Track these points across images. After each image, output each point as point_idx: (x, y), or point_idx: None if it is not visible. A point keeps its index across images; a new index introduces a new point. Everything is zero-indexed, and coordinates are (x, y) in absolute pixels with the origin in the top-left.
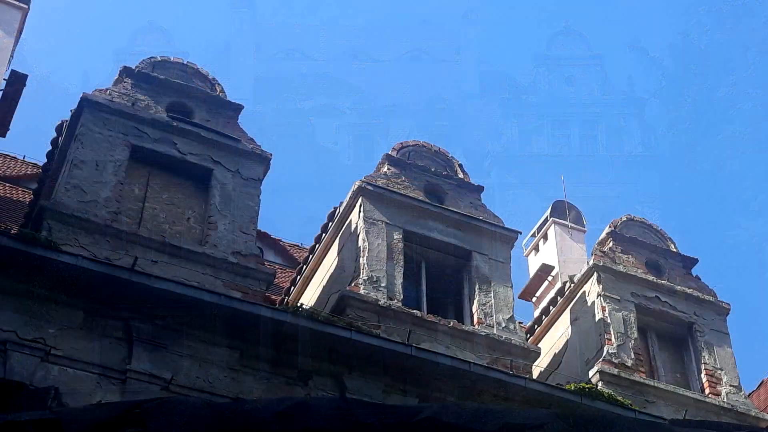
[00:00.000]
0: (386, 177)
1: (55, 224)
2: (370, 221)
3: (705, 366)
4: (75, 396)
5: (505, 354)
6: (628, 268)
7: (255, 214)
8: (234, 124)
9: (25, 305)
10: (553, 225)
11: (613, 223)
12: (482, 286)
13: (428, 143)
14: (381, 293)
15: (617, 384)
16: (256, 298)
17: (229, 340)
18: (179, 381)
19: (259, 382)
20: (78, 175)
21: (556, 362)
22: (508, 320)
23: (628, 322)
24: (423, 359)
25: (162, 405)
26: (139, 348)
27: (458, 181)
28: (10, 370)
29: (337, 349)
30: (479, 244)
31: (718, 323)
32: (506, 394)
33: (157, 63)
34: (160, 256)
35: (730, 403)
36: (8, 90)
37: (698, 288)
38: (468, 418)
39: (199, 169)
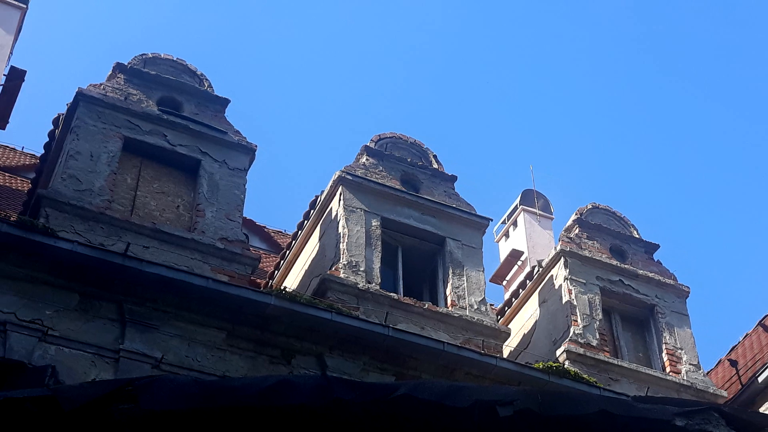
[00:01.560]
0: (365, 167)
1: (52, 212)
2: (349, 209)
3: (666, 346)
4: (71, 374)
5: (477, 334)
6: (593, 253)
7: (241, 202)
8: (221, 117)
9: (23, 288)
10: (522, 212)
11: (579, 210)
12: (455, 270)
13: (404, 135)
14: (360, 277)
15: (583, 363)
16: (242, 281)
17: (216, 322)
18: (169, 360)
19: (245, 361)
20: (73, 165)
21: (525, 342)
22: (480, 302)
23: (593, 305)
24: (399, 339)
25: (153, 382)
26: (131, 329)
27: (433, 171)
28: (9, 350)
29: (318, 329)
30: (453, 230)
31: (679, 305)
32: (478, 373)
33: (148, 59)
34: (151, 242)
35: (689, 381)
36: (8, 85)
37: (660, 272)
38: (442, 395)
39: (188, 160)
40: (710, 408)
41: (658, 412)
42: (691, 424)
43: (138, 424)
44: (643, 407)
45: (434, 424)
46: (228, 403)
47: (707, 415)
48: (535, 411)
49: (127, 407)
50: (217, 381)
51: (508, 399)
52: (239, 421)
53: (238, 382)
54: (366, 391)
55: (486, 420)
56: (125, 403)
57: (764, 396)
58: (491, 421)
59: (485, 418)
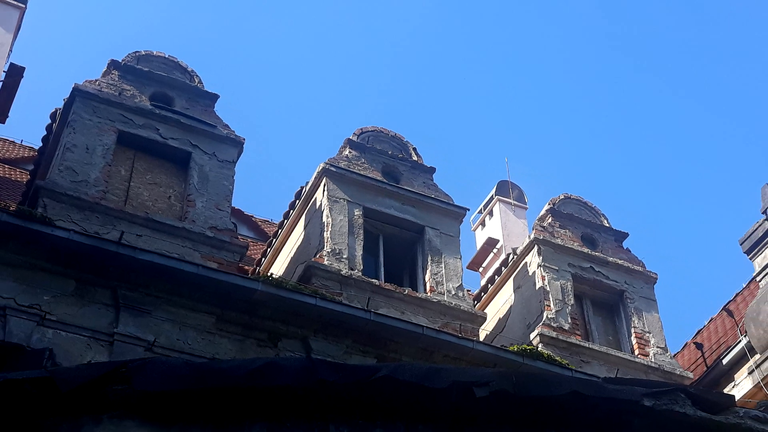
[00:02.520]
0: (348, 159)
1: (49, 202)
2: (333, 199)
3: (635, 330)
4: (68, 356)
5: (454, 319)
6: (566, 241)
7: (229, 192)
8: (211, 111)
9: (22, 275)
10: (497, 203)
11: (552, 200)
12: (434, 257)
13: (386, 129)
14: (343, 264)
15: (555, 346)
16: (231, 268)
17: (206, 307)
18: (161, 343)
19: (233, 344)
20: (70, 157)
21: (501, 326)
22: (457, 288)
23: (565, 290)
24: (381, 324)
25: (146, 364)
26: (125, 313)
27: (413, 163)
28: (9, 334)
29: (303, 314)
30: (431, 219)
31: (647, 291)
32: (456, 355)
33: (141, 56)
34: (144, 230)
35: (657, 363)
36: (7, 81)
37: (629, 259)
38: (421, 377)
39: (179, 152)
40: (677, 389)
41: (627, 393)
42: (658, 404)
43: (131, 404)
44: (612, 388)
45: (414, 405)
46: (217, 384)
47: (674, 395)
48: (510, 392)
49: (121, 388)
50: (207, 363)
51: (484, 380)
52: (228, 401)
53: (227, 364)
54: (349, 373)
55: (463, 400)
56: (119, 384)
57: (728, 377)
58: (468, 401)
59: (462, 399)
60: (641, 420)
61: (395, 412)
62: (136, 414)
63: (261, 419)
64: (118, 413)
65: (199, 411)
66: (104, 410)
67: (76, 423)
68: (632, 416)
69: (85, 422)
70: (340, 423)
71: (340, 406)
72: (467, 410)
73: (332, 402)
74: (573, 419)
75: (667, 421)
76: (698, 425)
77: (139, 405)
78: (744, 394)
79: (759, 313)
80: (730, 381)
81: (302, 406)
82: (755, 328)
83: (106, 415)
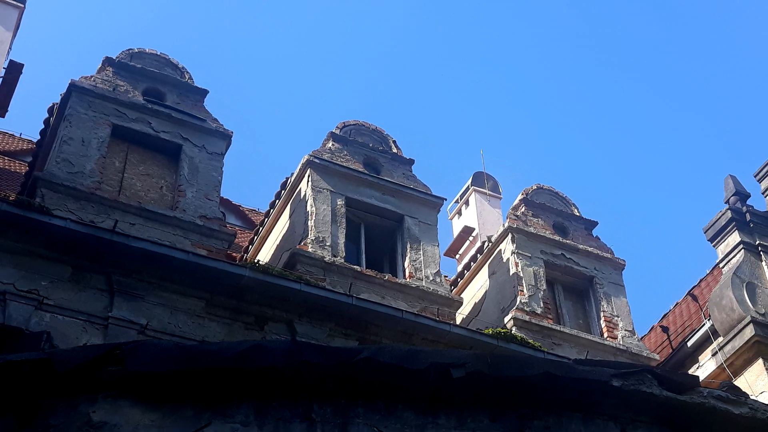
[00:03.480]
0: (331, 152)
1: (47, 192)
2: (317, 189)
3: (604, 313)
4: (64, 339)
5: (432, 303)
6: (538, 229)
7: (218, 183)
8: (200, 106)
9: (21, 261)
10: (473, 193)
11: (525, 191)
12: (413, 245)
13: (367, 122)
14: (326, 251)
15: (528, 329)
16: (219, 255)
17: (196, 292)
18: (153, 326)
19: (222, 328)
20: (67, 149)
21: (476, 310)
22: (435, 274)
23: (537, 276)
24: (362, 308)
25: (138, 347)
26: (119, 298)
27: (392, 155)
28: (8, 317)
29: (288, 299)
30: (410, 209)
31: (615, 277)
32: (433, 338)
33: (134, 54)
34: (137, 219)
35: (625, 345)
36: (7, 77)
37: (598, 247)
38: (400, 358)
39: (170, 145)
40: (644, 370)
41: (596, 374)
42: (626, 385)
43: (125, 384)
44: (583, 369)
45: (394, 385)
46: (207, 365)
47: (641, 376)
48: (485, 372)
49: (115, 369)
50: (197, 345)
51: (461, 362)
52: (217, 381)
53: (216, 346)
54: (332, 355)
55: (440, 381)
56: (113, 366)
57: (693, 359)
58: (445, 381)
59: (440, 379)
60: (610, 399)
61: (376, 392)
62: (130, 393)
63: (248, 399)
64: (112, 393)
65: (189, 391)
66: (99, 390)
67: (73, 402)
68: (601, 396)
69: (81, 401)
70: (323, 402)
71: (324, 387)
72: (444, 390)
73: (316, 382)
74: (545, 399)
75: (634, 400)
76: (664, 405)
77: (133, 385)
78: (708, 374)
79: (722, 298)
80: (694, 362)
81: (287, 387)
82: (718, 312)
83: (101, 394)
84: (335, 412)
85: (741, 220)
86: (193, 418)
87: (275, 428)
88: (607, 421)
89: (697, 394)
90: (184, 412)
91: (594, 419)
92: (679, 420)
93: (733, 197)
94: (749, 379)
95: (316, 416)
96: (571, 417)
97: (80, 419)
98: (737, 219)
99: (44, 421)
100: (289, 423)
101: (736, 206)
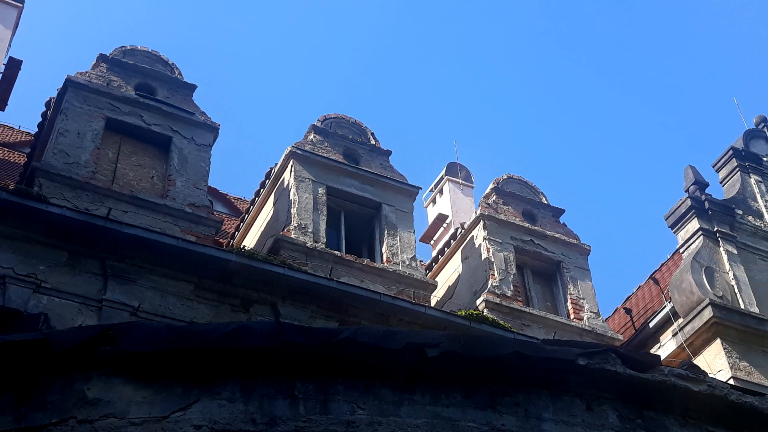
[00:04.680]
0: (312, 143)
1: (44, 181)
2: (299, 179)
3: (570, 296)
4: (61, 320)
5: (408, 287)
6: (508, 217)
7: (206, 173)
8: (189, 100)
9: (20, 247)
10: (447, 182)
11: (496, 180)
12: (390, 231)
13: (347, 115)
14: (308, 237)
15: (499, 311)
16: (207, 241)
17: (185, 275)
18: (145, 308)
19: (210, 309)
20: (63, 141)
21: (450, 293)
22: (411, 259)
23: (508, 261)
24: (342, 291)
25: (131, 327)
26: (112, 281)
27: (371, 146)
28: (8, 300)
29: (272, 282)
30: (387, 197)
31: (581, 261)
32: (410, 319)
33: (127, 51)
34: (129, 207)
35: (590, 326)
36: (6, 73)
37: (565, 233)
38: (378, 339)
39: (161, 137)
40: (608, 349)
41: (563, 353)
42: (591, 363)
43: (118, 362)
44: (550, 349)
45: (372, 364)
46: (195, 345)
47: (605, 355)
48: (459, 352)
49: (109, 348)
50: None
51: (435, 342)
52: (205, 360)
53: (204, 327)
54: (313, 335)
55: (416, 360)
56: (107, 345)
57: (654, 339)
58: (421, 360)
59: (416, 358)
60: (576, 377)
61: (355, 371)
62: (123, 372)
63: (235, 377)
64: (106, 371)
65: (179, 369)
66: (94, 368)
67: (69, 380)
68: (568, 374)
69: (77, 379)
70: (305, 380)
71: (306, 365)
72: (420, 369)
73: (298, 361)
74: (515, 377)
75: (599, 378)
76: (627, 382)
77: (125, 364)
78: (668, 354)
79: (682, 282)
80: (656, 342)
81: (272, 365)
82: (678, 295)
83: (96, 372)
84: (317, 389)
85: (700, 208)
86: (183, 394)
87: (260, 404)
88: (574, 397)
89: (659, 372)
90: (174, 389)
91: (561, 396)
92: (642, 397)
93: (693, 186)
94: (708, 358)
95: (298, 393)
96: (540, 394)
97: (76, 396)
98: (696, 207)
99: (42, 397)
100: (273, 399)
101: (695, 195)
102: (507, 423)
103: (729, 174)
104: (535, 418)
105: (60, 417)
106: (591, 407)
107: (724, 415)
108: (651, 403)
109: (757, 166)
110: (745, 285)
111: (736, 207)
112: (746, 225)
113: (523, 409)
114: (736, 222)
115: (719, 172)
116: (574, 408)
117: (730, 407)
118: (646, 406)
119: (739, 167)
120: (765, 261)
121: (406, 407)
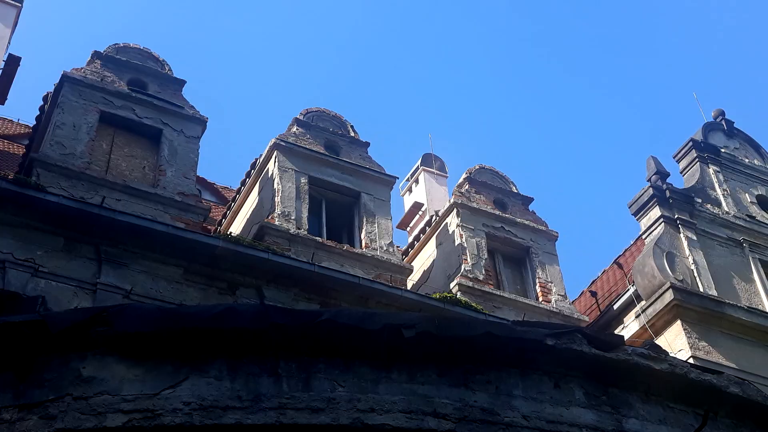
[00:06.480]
0: (295, 135)
1: (42, 171)
2: (282, 169)
3: (539, 280)
4: (57, 303)
5: (386, 271)
6: (480, 205)
7: (195, 163)
8: (179, 95)
9: (19, 233)
10: (422, 172)
11: (469, 170)
12: (369, 218)
13: (327, 109)
14: (291, 224)
15: (472, 293)
16: (196, 227)
17: (174, 260)
18: (137, 291)
19: (198, 292)
20: (59, 133)
21: (425, 277)
22: (388, 245)
23: (480, 246)
24: (324, 275)
25: (124, 309)
26: (106, 266)
27: (350, 138)
28: (7, 283)
29: (257, 266)
30: (366, 186)
31: (549, 247)
32: (387, 302)
33: (120, 48)
34: (122, 195)
35: (558, 308)
36: (6, 69)
37: (534, 220)
38: (358, 320)
39: (152, 130)
40: (575, 330)
41: (532, 334)
42: (559, 343)
43: (112, 343)
44: (520, 329)
45: (352, 344)
46: (184, 325)
47: (572, 336)
48: (434, 333)
49: (103, 329)
50: (176, 308)
51: (412, 323)
52: (194, 340)
53: (193, 309)
54: (296, 317)
55: (393, 340)
56: (101, 326)
57: (618, 320)
58: (398, 340)
59: (393, 338)
60: (544, 357)
61: (336, 350)
62: (116, 351)
63: (221, 356)
64: (100, 351)
65: (169, 349)
66: (89, 348)
67: (65, 359)
68: (537, 354)
69: (73, 358)
70: (288, 359)
71: (289, 345)
72: (397, 348)
73: (282, 341)
74: (487, 356)
75: (566, 357)
76: (593, 361)
77: (119, 344)
78: (632, 334)
79: (644, 266)
80: (620, 324)
81: (257, 345)
82: (641, 278)
83: (90, 352)
84: (299, 367)
85: (661, 197)
86: (173, 373)
87: (245, 382)
88: (542, 376)
89: (623, 351)
90: (164, 367)
91: (530, 374)
92: (606, 375)
93: (655, 176)
94: (669, 338)
95: (282, 371)
96: (510, 372)
97: (71, 374)
98: (658, 195)
99: (39, 376)
100: (257, 377)
101: (657, 184)
102: (479, 400)
103: (689, 164)
104: (505, 395)
105: (57, 394)
106: (559, 385)
107: (684, 392)
108: (615, 381)
109: (715, 157)
110: (704, 269)
111: (695, 196)
112: (705, 213)
113: (494, 387)
114: (696, 210)
115: (680, 163)
116: (542, 385)
117: (690, 385)
118: (610, 384)
119: (699, 158)
120: (723, 246)
121: (384, 385)
